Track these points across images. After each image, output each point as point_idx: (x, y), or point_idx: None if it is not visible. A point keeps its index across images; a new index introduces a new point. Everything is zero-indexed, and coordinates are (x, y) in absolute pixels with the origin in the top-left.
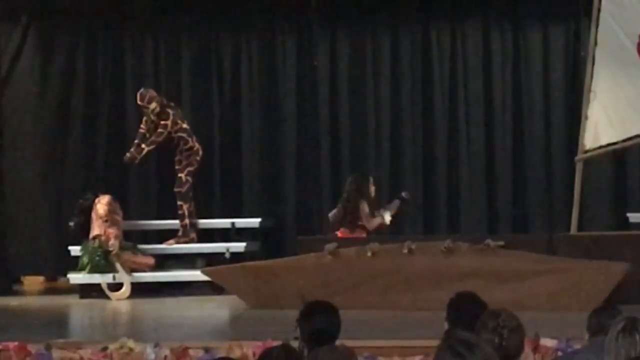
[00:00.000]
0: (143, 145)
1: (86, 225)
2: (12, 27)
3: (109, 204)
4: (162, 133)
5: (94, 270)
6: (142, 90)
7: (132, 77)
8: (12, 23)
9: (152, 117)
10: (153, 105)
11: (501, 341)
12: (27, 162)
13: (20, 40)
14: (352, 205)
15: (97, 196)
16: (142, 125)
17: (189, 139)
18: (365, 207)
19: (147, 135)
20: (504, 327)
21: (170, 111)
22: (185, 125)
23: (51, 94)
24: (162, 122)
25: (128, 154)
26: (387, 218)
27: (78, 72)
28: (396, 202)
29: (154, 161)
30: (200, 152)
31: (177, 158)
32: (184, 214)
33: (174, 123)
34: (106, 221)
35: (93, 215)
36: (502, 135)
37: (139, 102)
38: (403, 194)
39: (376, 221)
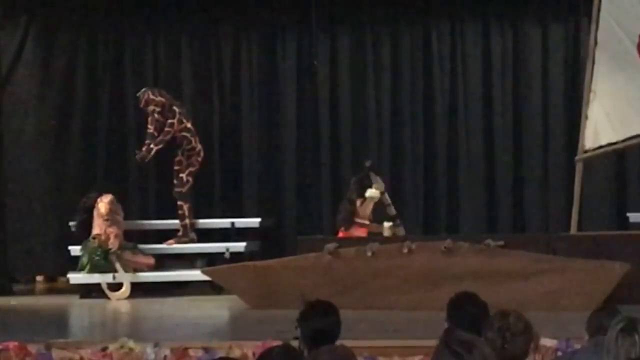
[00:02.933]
0: (152, 145)
1: (88, 224)
2: (13, 27)
3: (111, 203)
4: (169, 132)
5: (94, 269)
6: (139, 93)
7: (132, 77)
8: (13, 23)
9: (156, 116)
10: (151, 107)
11: (504, 343)
12: (28, 162)
13: (21, 41)
14: (351, 204)
15: (99, 195)
16: (149, 126)
17: (192, 139)
18: (361, 204)
19: (156, 134)
20: (509, 329)
21: (177, 109)
22: (189, 125)
23: (51, 94)
24: (169, 121)
25: (139, 154)
26: (372, 192)
27: (78, 72)
28: (373, 176)
29: (153, 161)
30: (202, 154)
31: (177, 158)
32: (184, 214)
33: (179, 122)
34: (107, 220)
35: (95, 214)
36: (502, 135)
37: (140, 105)
38: (366, 162)
39: (368, 207)
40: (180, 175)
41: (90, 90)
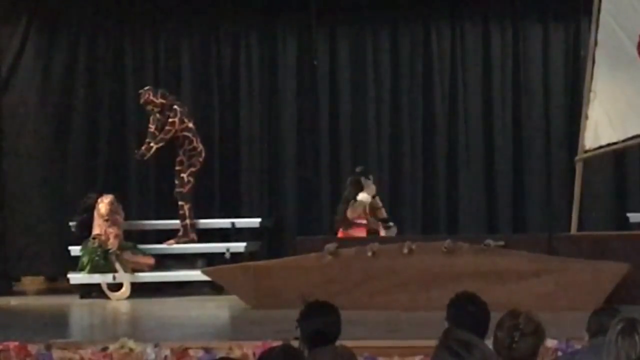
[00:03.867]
0: (152, 144)
1: (88, 224)
2: (14, 28)
3: (111, 203)
4: (170, 130)
5: (94, 270)
6: (141, 90)
7: (132, 77)
8: (13, 24)
9: (158, 115)
10: (149, 107)
11: (512, 343)
12: (28, 162)
13: (22, 41)
14: (345, 207)
15: (100, 195)
16: (150, 125)
17: (194, 139)
18: (351, 205)
19: (157, 133)
20: (518, 329)
21: (178, 109)
22: (190, 125)
23: (52, 94)
24: (170, 120)
25: (139, 151)
26: (363, 196)
27: (79, 72)
28: (364, 180)
29: (154, 161)
30: (203, 154)
31: (179, 158)
32: (185, 214)
33: (181, 121)
34: (107, 220)
35: (95, 214)
36: (502, 135)
37: (139, 101)
38: (357, 169)
39: (357, 210)
40: (182, 175)
41: (90, 90)
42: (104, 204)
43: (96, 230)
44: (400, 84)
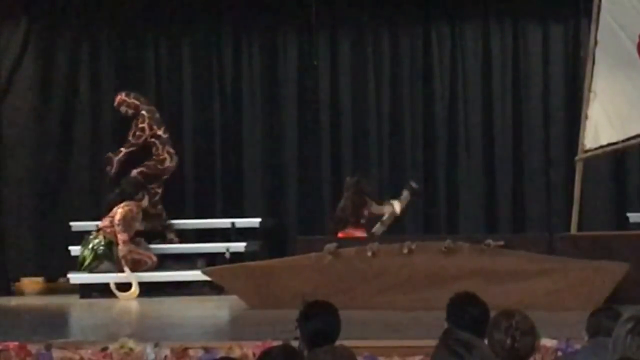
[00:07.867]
0: (122, 148)
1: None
2: (14, 30)
3: (130, 211)
4: (140, 136)
5: (99, 259)
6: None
7: (132, 78)
8: (13, 25)
9: (131, 117)
10: (123, 109)
11: (513, 342)
12: (28, 162)
13: (22, 44)
14: (357, 207)
15: (121, 200)
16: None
17: (160, 147)
18: (370, 202)
19: (130, 139)
20: (517, 328)
21: (146, 114)
22: (160, 133)
23: (52, 96)
24: (140, 125)
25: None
26: (397, 207)
27: (80, 74)
28: (406, 194)
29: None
30: (168, 163)
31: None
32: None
33: (150, 127)
34: (119, 225)
35: (113, 211)
36: (502, 135)
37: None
38: (412, 183)
39: (386, 209)
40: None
41: (91, 92)
42: (122, 211)
43: (103, 223)
44: (401, 84)
